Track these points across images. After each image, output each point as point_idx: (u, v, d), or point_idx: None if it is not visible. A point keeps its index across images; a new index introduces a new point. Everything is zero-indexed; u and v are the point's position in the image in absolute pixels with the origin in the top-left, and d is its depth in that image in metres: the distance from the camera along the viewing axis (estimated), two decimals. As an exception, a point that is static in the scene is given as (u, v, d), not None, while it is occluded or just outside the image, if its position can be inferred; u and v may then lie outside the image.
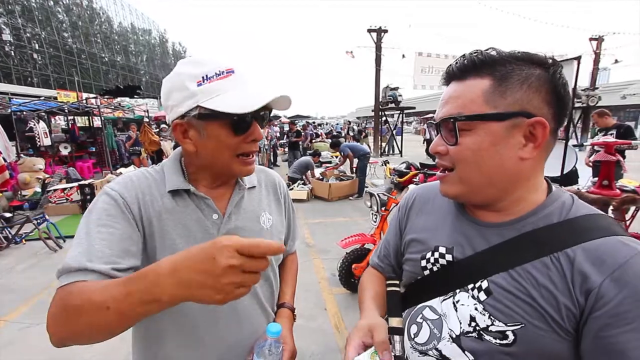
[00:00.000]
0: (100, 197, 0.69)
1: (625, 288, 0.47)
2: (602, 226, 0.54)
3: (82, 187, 6.10)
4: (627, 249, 0.49)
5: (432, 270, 0.68)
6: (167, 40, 43.69)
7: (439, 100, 0.64)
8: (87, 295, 0.51)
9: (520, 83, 0.54)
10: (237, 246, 0.44)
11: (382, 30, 14.41)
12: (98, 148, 10.39)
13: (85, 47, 25.55)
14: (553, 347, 0.52)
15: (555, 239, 0.55)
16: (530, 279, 0.54)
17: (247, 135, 0.71)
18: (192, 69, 0.67)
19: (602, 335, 0.48)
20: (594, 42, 17.45)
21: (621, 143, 3.82)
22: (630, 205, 3.64)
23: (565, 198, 0.60)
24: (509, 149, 0.56)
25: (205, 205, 0.76)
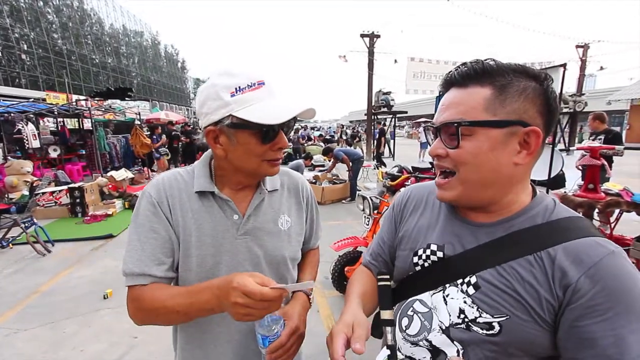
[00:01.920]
0: (141, 201, 0.80)
1: (598, 284, 0.52)
2: (580, 227, 0.59)
3: (72, 190, 6.01)
4: (602, 249, 0.54)
5: (423, 266, 0.71)
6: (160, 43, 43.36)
7: (440, 106, 0.67)
8: (159, 303, 0.72)
9: (519, 94, 0.59)
10: (243, 289, 0.61)
11: (375, 36, 14.56)
12: (88, 151, 10.24)
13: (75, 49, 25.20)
14: (534, 336, 0.56)
15: (539, 239, 0.59)
16: (516, 274, 0.58)
17: (274, 143, 0.78)
18: (226, 80, 0.73)
19: (576, 325, 0.53)
20: (580, 49, 17.92)
21: (605, 148, 3.93)
22: (615, 208, 3.74)
23: (548, 201, 0.65)
24: (505, 154, 0.60)
25: (227, 207, 0.83)
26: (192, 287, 0.71)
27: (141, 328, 2.76)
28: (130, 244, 0.77)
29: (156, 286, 0.75)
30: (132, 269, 0.75)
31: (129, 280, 0.76)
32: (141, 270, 0.75)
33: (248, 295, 0.60)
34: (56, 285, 3.54)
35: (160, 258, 0.77)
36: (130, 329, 2.71)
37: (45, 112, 9.20)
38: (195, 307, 0.68)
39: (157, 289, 0.75)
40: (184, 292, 0.71)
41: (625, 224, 4.09)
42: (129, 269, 0.75)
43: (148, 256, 0.75)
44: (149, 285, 0.75)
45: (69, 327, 2.77)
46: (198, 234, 0.80)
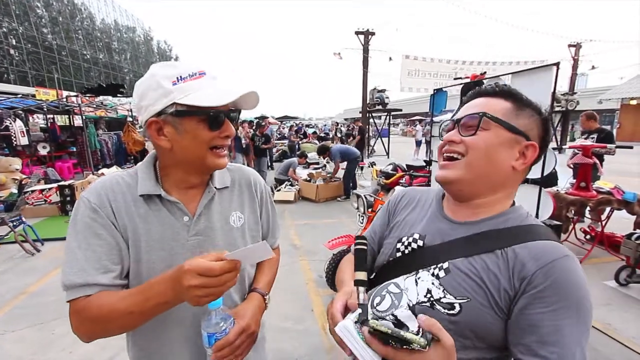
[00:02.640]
0: (78, 208, 0.74)
1: (549, 279, 0.60)
2: (544, 233, 0.68)
3: (62, 188, 5.91)
4: (559, 252, 0.63)
5: (403, 252, 0.79)
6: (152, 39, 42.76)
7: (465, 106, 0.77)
8: (109, 307, 0.66)
9: (529, 116, 0.72)
10: (197, 270, 0.59)
11: (370, 33, 14.55)
12: (79, 148, 10.08)
13: (65, 44, 24.73)
14: (489, 322, 0.64)
15: (508, 238, 0.69)
16: (483, 264, 0.67)
17: (222, 130, 0.76)
18: (166, 71, 0.72)
19: (525, 312, 0.61)
20: (573, 48, 18.10)
21: (597, 146, 3.97)
22: (606, 206, 3.79)
23: (522, 212, 0.74)
24: (507, 155, 0.71)
25: (176, 209, 0.80)
26: (143, 285, 0.67)
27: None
28: (69, 254, 0.70)
29: (103, 294, 0.69)
30: (72, 280, 0.68)
31: (70, 294, 0.69)
32: (84, 280, 0.68)
33: (204, 274, 0.58)
34: (45, 285, 3.48)
35: (107, 265, 0.71)
36: (122, 329, 2.66)
37: (34, 109, 9.01)
38: (151, 302, 0.64)
39: (103, 296, 0.69)
40: (135, 291, 0.68)
41: (615, 222, 4.15)
42: (69, 280, 0.68)
43: (92, 264, 0.69)
44: (95, 295, 0.69)
45: (59, 328, 2.72)
46: (147, 238, 0.76)
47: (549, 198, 3.35)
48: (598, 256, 3.90)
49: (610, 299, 3.06)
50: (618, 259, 3.74)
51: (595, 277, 3.46)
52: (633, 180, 7.23)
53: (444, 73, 13.82)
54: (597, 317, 2.68)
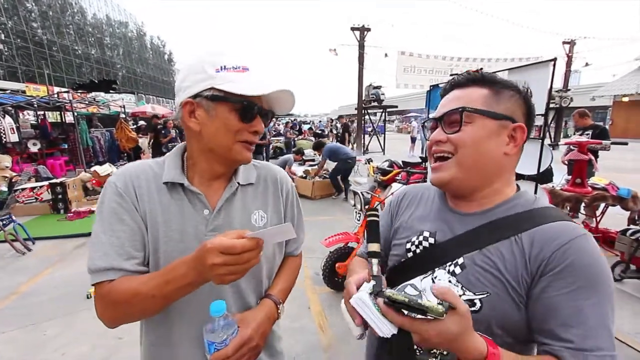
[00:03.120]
0: (106, 192, 0.75)
1: (568, 259, 0.58)
2: (556, 215, 0.67)
3: (53, 186, 5.80)
4: (574, 231, 0.62)
5: (415, 252, 0.78)
6: (145, 34, 42.15)
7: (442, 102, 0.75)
8: (132, 290, 0.67)
9: (509, 97, 0.71)
10: (219, 248, 0.58)
11: (365, 29, 14.46)
12: (71, 145, 9.92)
13: (56, 39, 24.27)
14: (512, 312, 0.63)
15: (519, 223, 0.67)
16: (499, 254, 0.65)
17: (251, 125, 0.76)
18: (213, 58, 0.73)
19: (544, 295, 0.60)
20: (567, 45, 18.19)
21: (592, 143, 3.99)
22: (601, 202, 3.80)
23: (529, 196, 0.74)
24: (497, 143, 0.69)
25: (197, 201, 0.79)
26: (165, 268, 0.68)
27: (127, 329, 2.68)
28: (95, 238, 0.72)
29: (125, 278, 0.70)
30: (98, 265, 0.70)
31: (95, 277, 0.70)
32: (109, 264, 0.70)
33: (226, 252, 0.58)
34: (37, 285, 3.41)
35: (130, 252, 0.72)
36: (115, 329, 2.61)
37: (24, 105, 8.82)
38: (173, 285, 0.64)
39: (126, 280, 0.70)
40: (156, 274, 0.68)
41: (609, 218, 4.18)
42: (94, 264, 0.70)
43: (116, 249, 0.71)
44: (118, 279, 0.70)
45: (50, 329, 2.67)
46: (165, 228, 0.76)
47: (545, 194, 3.36)
48: (592, 252, 3.92)
49: (605, 294, 3.08)
50: (612, 254, 3.76)
51: (590, 272, 3.48)
52: (627, 177, 7.30)
53: (439, 70, 13.81)
54: (593, 312, 2.68)
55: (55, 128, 10.45)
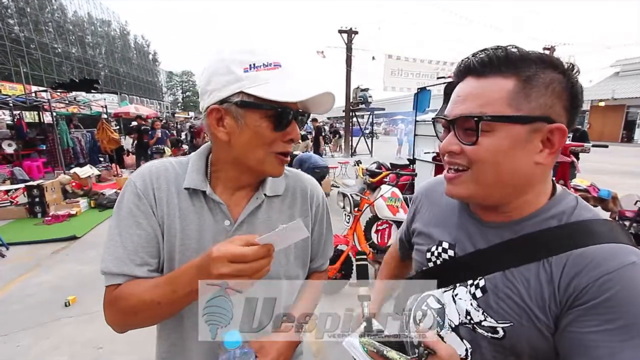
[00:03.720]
0: (125, 190, 0.71)
1: (608, 292, 0.48)
2: (601, 232, 0.54)
3: (30, 189, 5.55)
4: (620, 259, 0.50)
5: (435, 263, 0.72)
6: (129, 33, 41.27)
7: (455, 96, 0.61)
8: (137, 298, 0.64)
9: (545, 87, 0.54)
10: (227, 257, 0.53)
11: (353, 32, 14.57)
12: (49, 146, 9.55)
13: (34, 36, 23.44)
14: (538, 342, 0.56)
15: (550, 243, 0.56)
16: (523, 280, 0.57)
17: (286, 133, 0.68)
18: (240, 56, 0.65)
19: (570, 329, 0.52)
20: (547, 51, 18.81)
21: (575, 145, 4.10)
22: (583, 203, 3.91)
23: (568, 201, 0.60)
24: (526, 153, 0.56)
25: (219, 210, 0.73)
26: (170, 274, 0.64)
27: (107, 337, 2.58)
28: (111, 240, 0.68)
29: (133, 282, 0.67)
30: (110, 268, 0.67)
31: (107, 279, 0.68)
32: (120, 270, 0.67)
33: (236, 261, 0.53)
34: (10, 293, 3.23)
35: (144, 258, 0.69)
36: (95, 338, 2.50)
37: (-2, 104, 8.44)
38: (179, 293, 0.61)
39: (134, 285, 0.66)
40: (162, 281, 0.64)
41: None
42: (107, 267, 0.67)
43: (129, 255, 0.67)
44: (126, 283, 0.67)
45: (24, 340, 2.52)
46: (182, 236, 0.71)
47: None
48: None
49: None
50: (594, 254, 3.88)
51: (573, 272, 3.57)
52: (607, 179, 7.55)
53: (426, 73, 14.04)
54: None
55: (33, 128, 10.06)
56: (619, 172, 9.86)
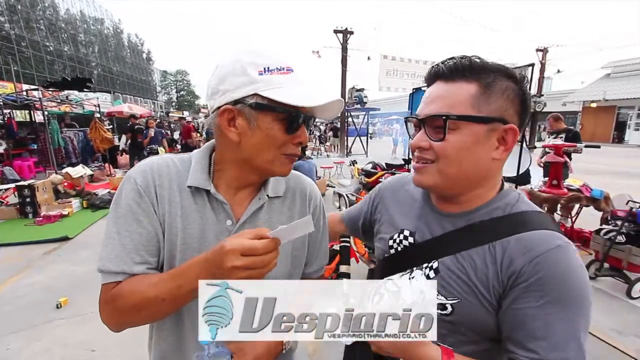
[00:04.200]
0: (124, 186, 0.70)
1: (539, 272, 0.57)
2: (536, 221, 0.64)
3: (20, 189, 5.46)
4: (549, 242, 0.59)
5: (396, 250, 0.79)
6: (122, 31, 40.82)
7: (425, 98, 0.69)
8: (140, 295, 0.63)
9: (501, 93, 0.63)
10: (240, 250, 0.55)
11: (348, 32, 14.57)
12: (41, 145, 9.41)
13: (25, 34, 23.07)
14: (481, 318, 0.64)
15: (495, 230, 0.65)
16: (471, 262, 0.65)
17: (296, 136, 0.70)
18: (254, 58, 0.66)
19: (513, 307, 0.60)
20: (540, 52, 19.00)
21: (567, 145, 4.14)
22: (576, 203, 3.95)
23: (512, 196, 0.70)
24: (485, 149, 0.64)
25: (221, 209, 0.74)
26: (175, 270, 0.64)
27: (100, 339, 2.54)
28: (108, 238, 0.67)
29: (132, 280, 0.66)
30: (108, 267, 0.66)
31: (103, 277, 0.67)
32: (119, 269, 0.66)
33: (248, 254, 0.55)
34: (0, 294, 3.18)
35: (143, 256, 0.68)
36: (87, 340, 2.47)
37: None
38: (185, 288, 0.60)
39: (135, 281, 0.65)
40: (166, 277, 0.64)
41: (581, 217, 4.35)
42: (105, 266, 0.66)
43: (128, 253, 0.66)
44: (126, 281, 0.66)
45: (15, 342, 2.48)
46: (184, 235, 0.70)
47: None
48: (568, 251, 4.06)
49: (581, 292, 3.18)
50: (587, 253, 3.91)
51: (566, 271, 3.60)
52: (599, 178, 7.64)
53: (421, 74, 14.01)
54: (570, 310, 2.77)
55: (24, 128, 9.91)
56: (611, 172, 10.00)
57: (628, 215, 3.12)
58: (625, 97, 20.04)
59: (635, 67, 20.58)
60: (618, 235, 3.11)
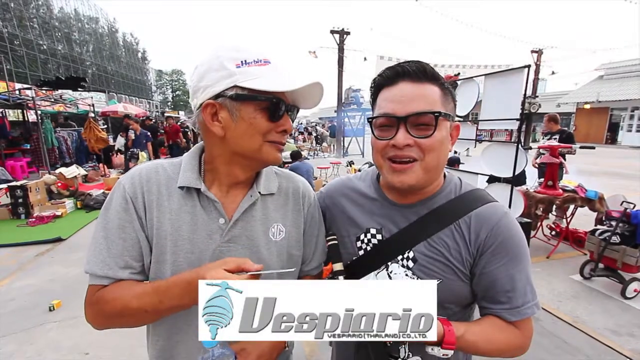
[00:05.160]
0: (115, 192, 0.71)
1: (498, 238, 0.71)
2: (482, 196, 0.77)
3: (12, 189, 5.38)
4: (498, 212, 0.73)
5: (366, 250, 0.81)
6: (117, 30, 40.46)
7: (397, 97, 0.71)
8: (123, 304, 0.65)
9: (451, 97, 0.74)
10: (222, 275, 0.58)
11: (345, 32, 14.58)
12: (34, 145, 9.30)
13: (18, 32, 22.79)
14: (460, 290, 0.74)
15: (455, 211, 0.75)
16: (443, 243, 0.74)
17: (279, 124, 0.71)
18: (232, 53, 0.68)
19: (485, 270, 0.72)
20: (535, 54, 19.14)
21: (564, 147, 4.17)
22: (571, 203, 3.98)
23: (455, 180, 0.82)
24: (448, 143, 0.74)
25: (213, 208, 0.74)
26: (159, 284, 0.66)
27: (93, 342, 2.51)
28: (95, 242, 0.69)
29: (117, 286, 0.68)
30: (94, 270, 0.68)
31: (90, 279, 0.70)
32: (104, 273, 0.68)
33: None
34: (-9, 297, 3.12)
35: (128, 261, 0.70)
36: (81, 343, 2.44)
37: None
38: (166, 305, 0.64)
39: (118, 289, 0.68)
40: (150, 289, 0.66)
41: (575, 218, 4.38)
42: (91, 269, 0.69)
43: (114, 258, 0.68)
44: (110, 286, 0.68)
45: (6, 346, 2.44)
46: (175, 237, 0.71)
47: (520, 196, 3.46)
48: (563, 251, 4.09)
49: (577, 292, 3.20)
50: (581, 253, 3.94)
51: (561, 271, 3.62)
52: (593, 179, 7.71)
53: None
54: (566, 310, 2.79)
55: (17, 127, 9.78)
56: (604, 173, 10.09)
57: (622, 215, 3.14)
58: (619, 98, 20.25)
59: (628, 69, 20.81)
60: (613, 235, 3.13)
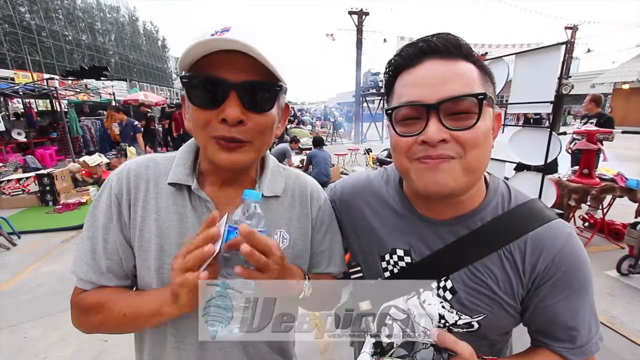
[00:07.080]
0: (104, 188, 0.67)
1: (562, 268, 0.58)
2: (539, 213, 0.61)
3: (40, 177, 5.59)
4: (561, 235, 0.59)
5: (392, 272, 0.70)
6: (138, 19, 41.00)
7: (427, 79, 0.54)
8: (106, 312, 0.62)
9: (489, 78, 0.57)
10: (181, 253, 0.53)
11: (364, 13, 14.06)
12: (60, 134, 9.63)
13: (45, 24, 23.49)
14: (507, 323, 0.64)
15: (504, 233, 0.60)
16: (489, 273, 0.60)
17: (219, 110, 0.56)
18: (196, 33, 0.58)
19: (543, 305, 0.60)
20: (569, 30, 17.83)
21: (603, 132, 3.82)
22: (609, 193, 3.66)
23: (502, 187, 0.65)
24: (491, 136, 0.58)
25: (205, 209, 0.66)
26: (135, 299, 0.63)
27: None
28: (82, 242, 0.66)
29: (99, 294, 0.65)
30: (78, 273, 0.66)
31: (76, 280, 0.67)
32: (87, 278, 0.65)
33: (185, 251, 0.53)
34: (20, 283, 3.25)
35: (110, 266, 0.65)
36: (101, 331, 2.49)
37: (8, 92, 8.46)
38: (144, 320, 0.61)
39: (99, 296, 0.64)
40: (129, 304, 0.63)
41: (612, 208, 4.05)
42: (75, 271, 0.66)
43: (98, 261, 0.65)
44: (92, 291, 0.66)
45: (32, 331, 2.53)
46: (160, 241, 0.64)
47: (553, 186, 3.20)
48: (597, 244, 3.82)
49: (613, 289, 2.97)
50: (618, 247, 3.66)
51: (596, 266, 3.37)
52: (632, 166, 7.17)
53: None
54: (601, 309, 2.58)
55: (45, 116, 10.15)
56: (644, 159, 9.37)
57: (669, 208, 2.84)
58: (662, 77, 18.64)
59: (675, 45, 19.03)
60: (657, 229, 2.86)
